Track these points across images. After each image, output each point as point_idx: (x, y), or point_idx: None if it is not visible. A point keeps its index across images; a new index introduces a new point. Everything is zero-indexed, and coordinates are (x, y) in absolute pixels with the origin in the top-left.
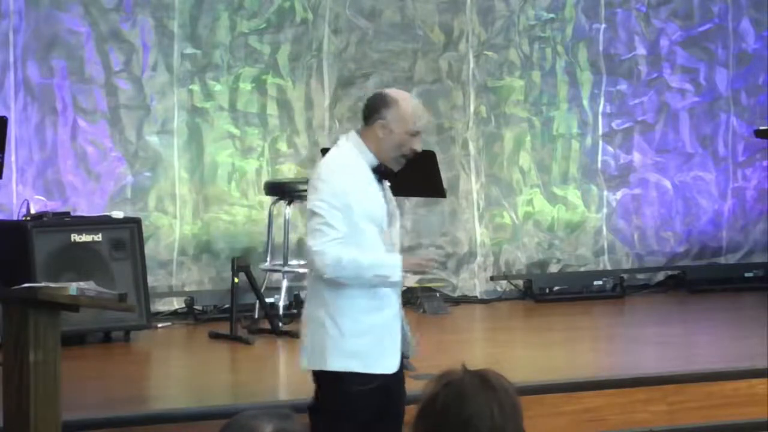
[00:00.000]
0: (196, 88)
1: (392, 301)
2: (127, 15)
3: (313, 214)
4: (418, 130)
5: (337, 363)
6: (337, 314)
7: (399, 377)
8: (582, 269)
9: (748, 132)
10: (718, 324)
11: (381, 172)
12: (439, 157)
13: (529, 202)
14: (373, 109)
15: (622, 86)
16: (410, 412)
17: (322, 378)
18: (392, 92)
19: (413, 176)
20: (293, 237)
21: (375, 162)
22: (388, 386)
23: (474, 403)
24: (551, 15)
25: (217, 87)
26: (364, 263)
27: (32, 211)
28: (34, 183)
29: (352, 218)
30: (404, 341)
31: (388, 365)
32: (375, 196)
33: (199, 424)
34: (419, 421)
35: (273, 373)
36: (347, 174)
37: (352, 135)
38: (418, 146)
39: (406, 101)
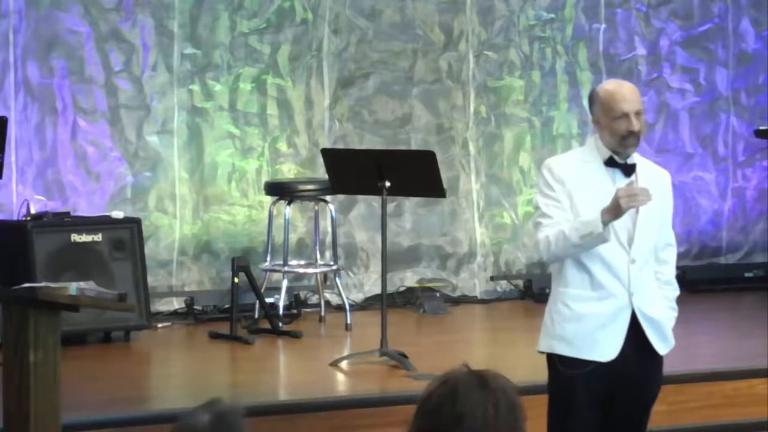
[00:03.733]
0: (196, 88)
1: (614, 293)
2: (127, 15)
3: None
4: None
5: (544, 344)
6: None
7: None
8: None
9: (748, 132)
10: (718, 324)
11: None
12: (439, 157)
13: (529, 202)
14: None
15: None
16: (410, 411)
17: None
18: (597, 88)
19: (413, 176)
20: (293, 237)
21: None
22: (610, 373)
23: (467, 401)
24: (551, 15)
25: (217, 87)
26: (566, 232)
27: (32, 211)
28: (34, 183)
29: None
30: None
31: (602, 353)
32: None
33: None
34: (416, 419)
35: (273, 373)
36: None
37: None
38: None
39: (604, 91)
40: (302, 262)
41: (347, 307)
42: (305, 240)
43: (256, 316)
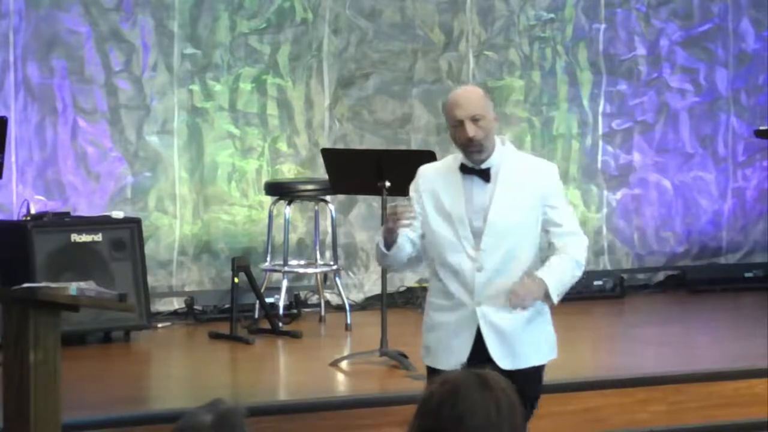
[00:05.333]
0: (196, 88)
1: (462, 302)
2: (127, 15)
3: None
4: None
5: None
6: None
7: None
8: None
9: (748, 132)
10: (718, 324)
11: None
12: (439, 157)
13: None
14: None
15: (622, 86)
16: (410, 411)
17: None
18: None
19: (413, 176)
20: (293, 237)
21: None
22: None
23: (469, 400)
24: (551, 15)
25: (217, 87)
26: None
27: (32, 211)
28: (34, 183)
29: None
30: None
31: (452, 362)
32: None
33: None
34: (416, 419)
35: (273, 373)
36: None
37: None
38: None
39: (447, 99)
40: (302, 262)
41: (347, 307)
42: (305, 240)
43: (256, 316)
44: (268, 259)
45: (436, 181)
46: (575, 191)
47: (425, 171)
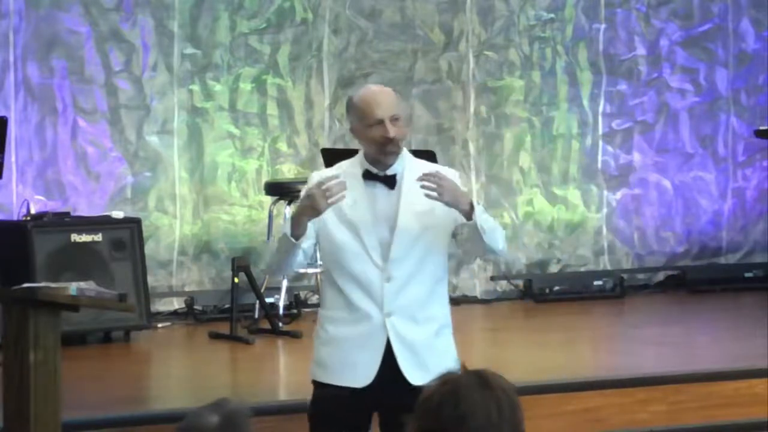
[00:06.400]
0: (196, 88)
1: (369, 314)
2: (127, 15)
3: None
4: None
5: (311, 370)
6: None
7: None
8: (582, 269)
9: (748, 132)
10: (718, 324)
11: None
12: (439, 157)
13: (529, 202)
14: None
15: (622, 86)
16: None
17: None
18: (353, 95)
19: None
20: None
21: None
22: (365, 400)
23: (470, 401)
24: (551, 15)
25: (217, 87)
26: (276, 237)
27: (32, 211)
28: (34, 183)
29: None
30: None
31: (356, 379)
32: None
33: None
34: (416, 420)
35: (273, 373)
36: None
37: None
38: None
39: (359, 97)
40: None
41: None
42: None
43: (256, 316)
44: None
45: None
46: (575, 191)
47: (320, 178)
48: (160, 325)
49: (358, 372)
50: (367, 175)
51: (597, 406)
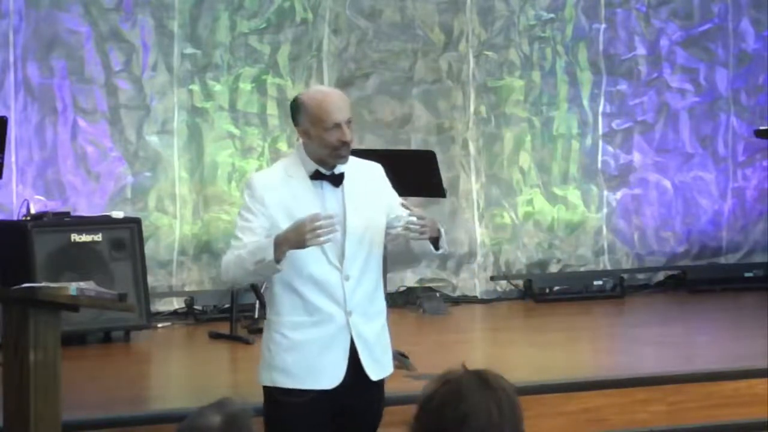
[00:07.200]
0: (196, 88)
1: (331, 315)
2: (127, 15)
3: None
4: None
5: (265, 377)
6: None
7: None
8: (582, 269)
9: (748, 132)
10: (718, 324)
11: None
12: (439, 157)
13: (529, 202)
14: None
15: (622, 86)
16: (410, 411)
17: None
18: (302, 96)
19: (413, 176)
20: None
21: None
22: (331, 401)
23: (471, 401)
24: (551, 15)
25: (217, 87)
26: (244, 255)
27: (32, 211)
28: (34, 183)
29: None
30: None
31: (323, 381)
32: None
33: None
34: (417, 420)
35: None
36: None
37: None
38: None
39: (312, 99)
40: None
41: None
42: None
43: (256, 316)
44: None
45: (282, 190)
46: (575, 191)
47: (266, 181)
48: (160, 325)
49: (327, 374)
50: (316, 175)
51: (597, 406)
